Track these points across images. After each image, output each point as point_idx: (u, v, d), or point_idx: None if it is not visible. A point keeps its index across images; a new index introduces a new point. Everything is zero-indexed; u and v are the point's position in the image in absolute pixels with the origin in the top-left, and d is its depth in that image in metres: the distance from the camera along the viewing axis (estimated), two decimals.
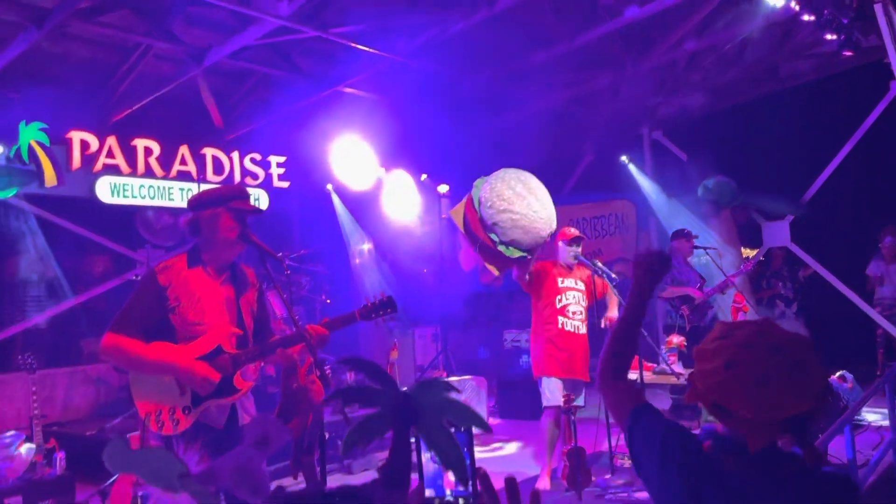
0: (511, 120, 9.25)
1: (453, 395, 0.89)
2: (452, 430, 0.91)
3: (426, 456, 0.92)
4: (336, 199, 8.97)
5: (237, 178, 7.86)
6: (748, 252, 9.66)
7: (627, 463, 5.89)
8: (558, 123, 10.08)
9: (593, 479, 5.12)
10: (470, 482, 0.98)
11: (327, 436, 5.09)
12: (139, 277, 6.47)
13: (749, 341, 1.52)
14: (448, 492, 0.93)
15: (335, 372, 7.05)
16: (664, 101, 9.64)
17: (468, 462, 1.03)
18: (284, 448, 4.07)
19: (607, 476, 5.44)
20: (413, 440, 0.97)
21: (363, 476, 5.70)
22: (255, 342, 3.06)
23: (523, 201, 4.91)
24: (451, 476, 0.90)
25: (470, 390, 7.31)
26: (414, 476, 0.98)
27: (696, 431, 1.69)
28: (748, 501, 1.50)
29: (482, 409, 7.47)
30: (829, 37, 6.57)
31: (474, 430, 1.00)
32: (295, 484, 4.46)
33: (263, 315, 3.20)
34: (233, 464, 0.95)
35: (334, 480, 5.47)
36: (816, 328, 8.49)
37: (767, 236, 9.14)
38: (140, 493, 2.85)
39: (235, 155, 7.93)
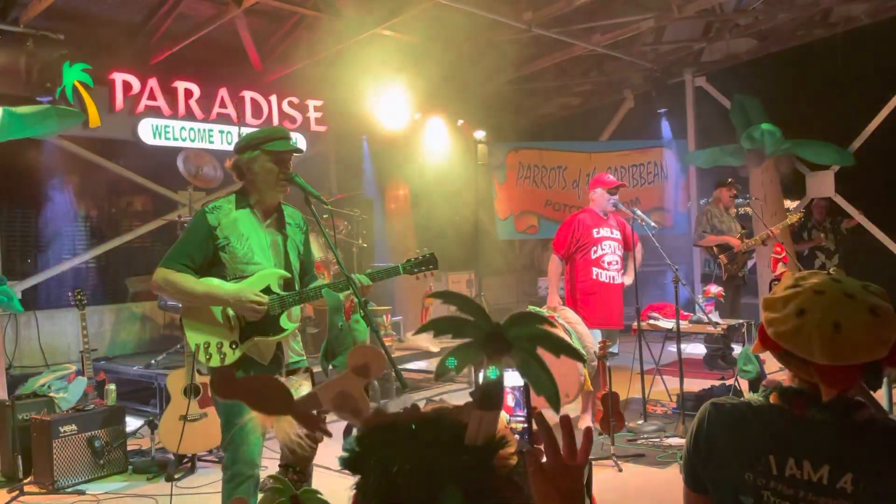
0: (551, 65, 9.08)
1: (547, 326, 0.91)
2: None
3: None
4: (377, 141, 8.94)
5: (275, 121, 7.89)
6: (790, 203, 9.48)
7: (660, 409, 5.96)
8: (599, 68, 9.88)
9: (626, 424, 5.19)
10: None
11: None
12: (181, 218, 6.60)
13: (821, 288, 1.49)
14: (506, 418, 0.97)
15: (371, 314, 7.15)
16: (709, 47, 9.37)
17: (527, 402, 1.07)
18: None
19: (640, 422, 5.51)
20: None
21: None
22: (300, 285, 3.14)
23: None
24: (509, 400, 0.93)
25: None
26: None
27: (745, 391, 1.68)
28: (820, 448, 1.49)
29: None
30: None
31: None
32: None
33: (308, 258, 3.27)
34: (335, 389, 0.99)
35: None
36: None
37: (811, 187, 8.95)
38: None
39: (274, 98, 7.93)
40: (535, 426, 1.16)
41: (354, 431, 0.95)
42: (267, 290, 2.95)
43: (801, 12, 8.22)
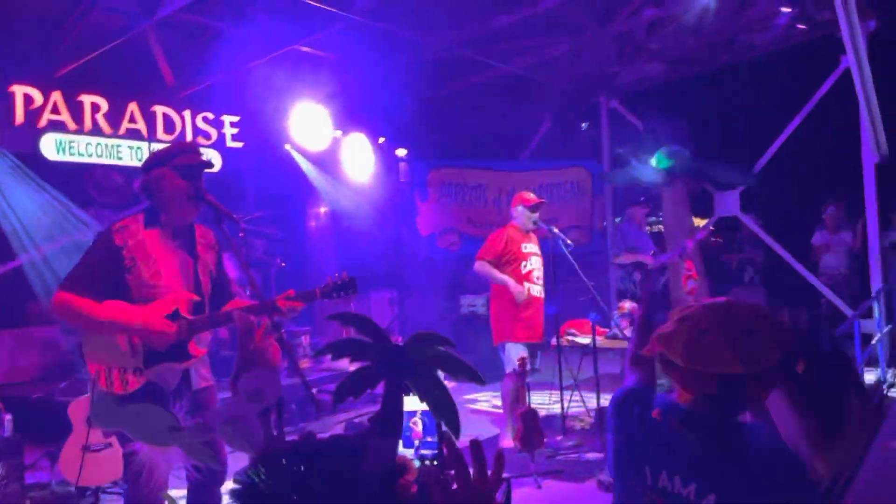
0: (470, 85, 9.18)
1: (447, 348, 0.89)
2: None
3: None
4: (298, 158, 8.75)
5: (189, 137, 7.66)
6: (699, 221, 9.86)
7: (578, 425, 6.04)
8: (517, 89, 10.05)
9: (545, 440, 5.23)
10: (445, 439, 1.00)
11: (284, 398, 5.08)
12: (85, 238, 6.32)
13: (715, 304, 1.58)
14: (416, 442, 0.95)
15: (290, 335, 7.03)
16: (623, 70, 9.68)
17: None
18: None
19: (559, 438, 5.57)
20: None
21: None
22: (212, 307, 3.02)
23: None
24: (419, 426, 0.91)
25: None
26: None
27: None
28: (691, 465, 1.56)
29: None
30: (784, 9, 6.65)
31: None
32: None
33: (222, 279, 3.15)
34: (226, 415, 0.94)
35: None
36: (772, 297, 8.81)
37: (719, 206, 9.32)
38: (125, 451, 2.84)
39: (187, 113, 7.71)
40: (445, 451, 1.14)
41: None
42: (175, 315, 2.83)
43: (707, 39, 8.60)
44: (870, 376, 6.77)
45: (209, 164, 3.05)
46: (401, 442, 1.06)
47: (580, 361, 6.19)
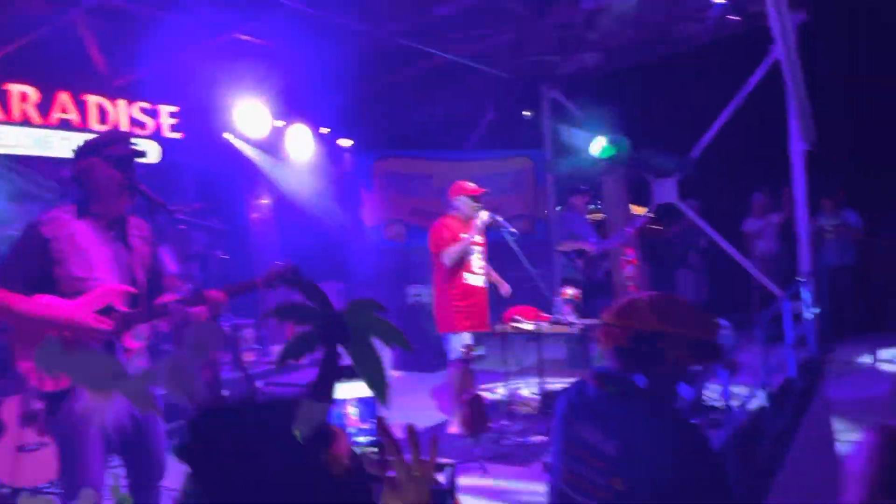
0: (413, 75, 9.17)
1: (379, 313, 0.93)
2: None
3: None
4: (240, 146, 8.58)
5: (124, 127, 7.45)
6: (638, 209, 10.06)
7: (523, 410, 6.14)
8: (460, 79, 10.07)
9: (491, 425, 5.30)
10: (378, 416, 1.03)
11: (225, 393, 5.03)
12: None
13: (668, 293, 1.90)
14: (353, 430, 0.97)
15: (234, 329, 6.95)
16: (564, 60, 9.79)
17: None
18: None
19: (504, 422, 5.65)
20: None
21: None
22: (148, 300, 2.97)
23: None
24: (354, 412, 0.94)
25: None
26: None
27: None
28: (604, 419, 1.81)
29: (386, 362, 7.57)
30: (716, 0, 6.84)
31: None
32: None
33: (157, 272, 3.10)
34: (168, 365, 0.95)
35: None
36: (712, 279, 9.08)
37: (657, 193, 9.54)
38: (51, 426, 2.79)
39: (122, 103, 7.50)
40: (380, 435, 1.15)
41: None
42: (108, 309, 2.76)
43: (644, 30, 8.76)
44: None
45: (141, 154, 2.99)
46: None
47: (525, 347, 6.28)
